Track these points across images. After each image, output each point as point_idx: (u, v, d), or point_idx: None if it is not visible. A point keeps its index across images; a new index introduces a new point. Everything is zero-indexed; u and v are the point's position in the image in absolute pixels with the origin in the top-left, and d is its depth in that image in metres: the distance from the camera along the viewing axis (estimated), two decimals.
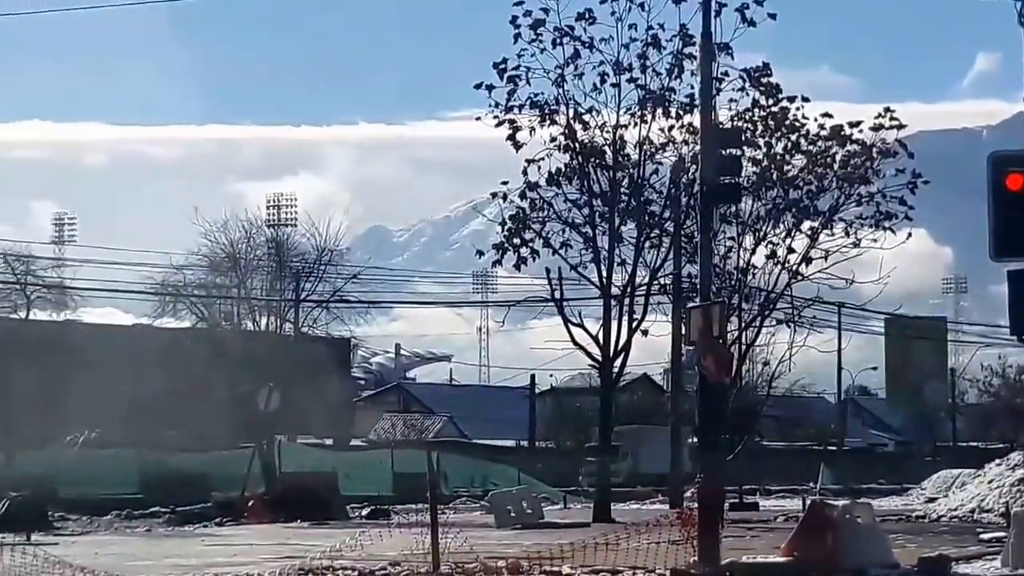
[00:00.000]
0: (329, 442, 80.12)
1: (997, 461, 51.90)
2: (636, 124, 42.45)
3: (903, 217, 42.92)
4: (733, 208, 38.43)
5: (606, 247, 43.24)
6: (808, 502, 33.25)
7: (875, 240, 42.90)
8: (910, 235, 43.82)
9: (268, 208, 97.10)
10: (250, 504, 50.93)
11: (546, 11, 41.67)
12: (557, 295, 43.34)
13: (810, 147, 42.81)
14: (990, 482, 49.74)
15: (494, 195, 43.75)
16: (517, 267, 43.92)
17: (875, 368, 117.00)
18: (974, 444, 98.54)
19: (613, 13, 41.64)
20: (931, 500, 53.47)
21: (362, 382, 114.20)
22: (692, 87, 40.35)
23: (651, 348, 59.83)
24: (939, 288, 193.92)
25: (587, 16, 41.81)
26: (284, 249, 65.23)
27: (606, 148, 42.70)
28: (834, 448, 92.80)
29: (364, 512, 51.77)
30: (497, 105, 42.41)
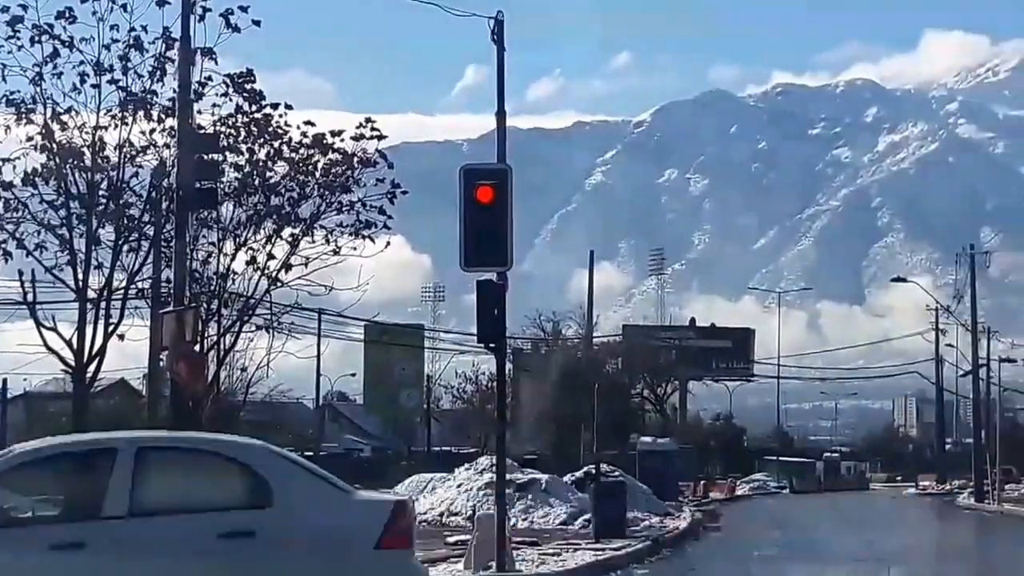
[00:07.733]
0: None
1: (467, 465, 53.61)
2: (117, 126, 41.81)
3: (382, 226, 43.52)
4: (214, 213, 38.38)
5: (83, 250, 42.43)
6: None
7: (355, 248, 43.46)
8: (388, 243, 44.50)
9: None
10: None
11: (24, 8, 40.56)
12: (30, 298, 42.28)
13: (293, 154, 43.08)
14: (459, 486, 51.34)
15: None
16: None
17: (354, 374, 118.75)
18: (448, 449, 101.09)
19: (95, 13, 40.79)
20: None
21: None
22: (175, 91, 40.03)
23: (132, 353, 59.01)
24: (418, 296, 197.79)
25: (67, 15, 40.88)
26: None
27: (85, 149, 41.86)
28: (311, 453, 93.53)
29: None
30: None
